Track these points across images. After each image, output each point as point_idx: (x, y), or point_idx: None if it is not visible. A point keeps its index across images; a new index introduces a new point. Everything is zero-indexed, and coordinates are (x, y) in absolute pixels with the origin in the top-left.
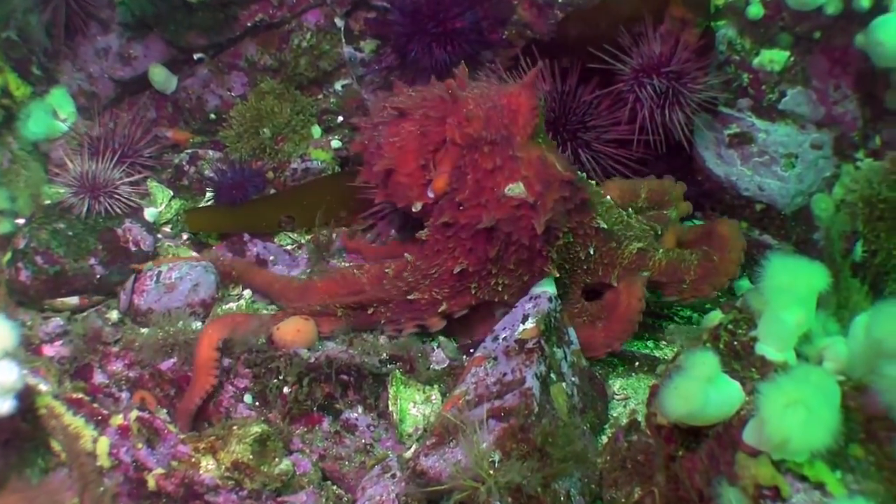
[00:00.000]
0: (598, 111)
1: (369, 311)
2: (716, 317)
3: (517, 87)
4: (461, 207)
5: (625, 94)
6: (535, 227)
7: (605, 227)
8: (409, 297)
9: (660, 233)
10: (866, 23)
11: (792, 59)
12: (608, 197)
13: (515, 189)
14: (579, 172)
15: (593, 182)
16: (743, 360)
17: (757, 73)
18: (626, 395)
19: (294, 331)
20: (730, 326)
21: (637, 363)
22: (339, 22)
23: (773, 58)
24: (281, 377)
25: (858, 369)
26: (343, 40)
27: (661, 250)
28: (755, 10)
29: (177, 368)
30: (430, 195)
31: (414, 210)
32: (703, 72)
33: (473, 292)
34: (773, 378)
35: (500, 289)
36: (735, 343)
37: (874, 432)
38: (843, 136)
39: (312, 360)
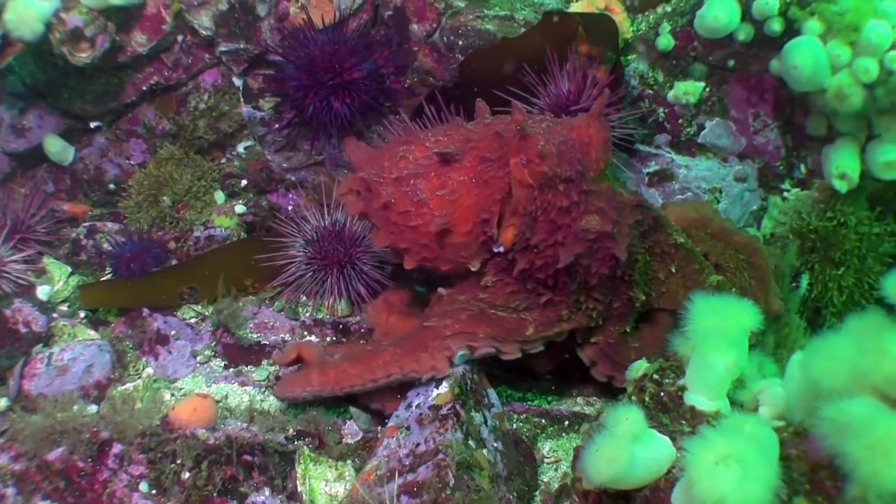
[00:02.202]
0: None
1: (426, 324)
2: (640, 367)
3: (585, 120)
4: (535, 251)
5: None
6: (613, 257)
7: (683, 240)
8: (491, 311)
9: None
10: (779, 47)
11: (707, 89)
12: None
13: (592, 221)
14: None
15: None
16: (672, 413)
17: (672, 107)
18: (557, 457)
19: (190, 410)
20: (655, 376)
21: (567, 422)
22: (237, 81)
23: (688, 90)
24: (178, 461)
25: (798, 412)
26: (242, 100)
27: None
28: (665, 42)
29: (66, 458)
30: (499, 249)
31: (472, 269)
32: (615, 108)
33: (566, 318)
34: (700, 432)
35: (594, 314)
36: (662, 394)
37: (820, 482)
38: (767, 167)
39: (212, 440)
